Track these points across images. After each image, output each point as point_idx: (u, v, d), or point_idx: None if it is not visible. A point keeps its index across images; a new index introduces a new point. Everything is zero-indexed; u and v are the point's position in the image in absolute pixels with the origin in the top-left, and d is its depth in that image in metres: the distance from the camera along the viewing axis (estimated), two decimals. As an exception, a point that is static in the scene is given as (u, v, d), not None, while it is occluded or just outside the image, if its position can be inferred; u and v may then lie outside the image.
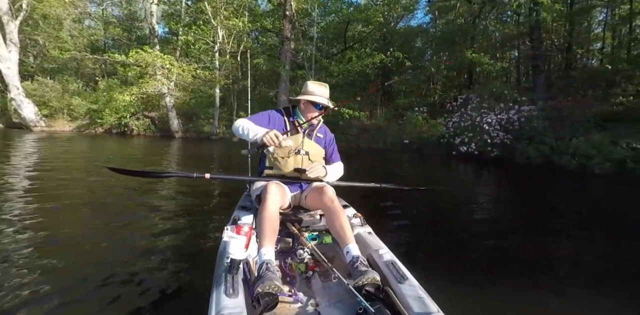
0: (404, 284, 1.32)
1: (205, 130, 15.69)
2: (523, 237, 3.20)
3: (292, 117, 2.02)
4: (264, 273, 1.31)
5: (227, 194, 4.24)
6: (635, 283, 2.28)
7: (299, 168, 1.93)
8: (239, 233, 1.54)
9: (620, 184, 7.03)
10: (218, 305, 1.14)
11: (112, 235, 2.78)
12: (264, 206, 1.61)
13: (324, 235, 1.90)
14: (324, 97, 1.97)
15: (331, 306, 1.36)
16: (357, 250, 1.51)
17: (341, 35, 17.72)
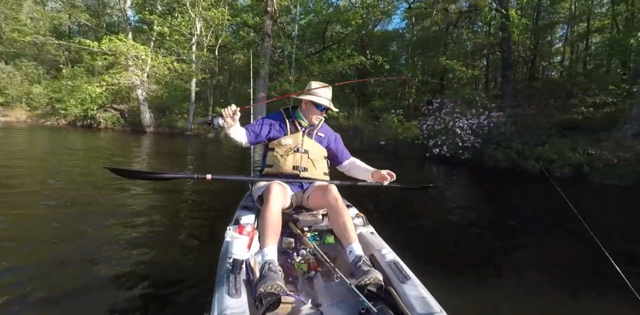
0: (407, 283, 1.32)
1: (179, 126, 15.08)
2: (522, 237, 3.27)
3: (292, 117, 2.03)
4: (266, 273, 1.31)
5: (229, 194, 4.20)
6: (597, 277, 2.48)
7: (298, 166, 1.94)
8: (241, 233, 1.53)
9: (577, 187, 7.65)
10: (221, 305, 1.14)
11: (112, 235, 2.74)
12: (266, 206, 1.62)
13: (326, 235, 1.91)
14: (327, 99, 1.97)
15: (333, 306, 1.36)
16: (360, 250, 1.53)
17: (320, 35, 17.80)
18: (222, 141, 13.37)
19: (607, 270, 1.34)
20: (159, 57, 13.05)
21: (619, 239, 3.64)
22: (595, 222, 4.27)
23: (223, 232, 1.57)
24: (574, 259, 2.85)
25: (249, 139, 1.99)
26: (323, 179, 2.02)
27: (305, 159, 1.96)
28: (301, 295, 1.39)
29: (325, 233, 1.92)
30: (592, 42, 16.05)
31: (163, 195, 4.22)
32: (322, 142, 2.08)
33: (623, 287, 1.21)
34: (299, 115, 2.02)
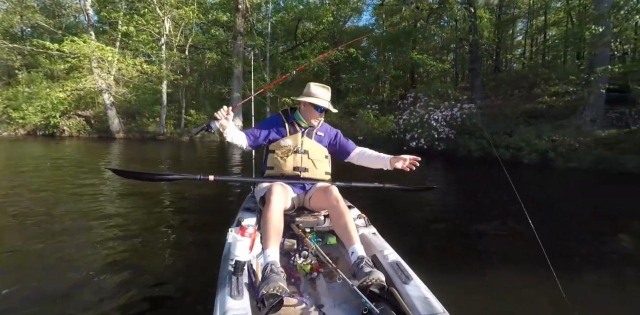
0: (409, 284, 1.32)
1: (151, 130, 14.48)
2: (524, 235, 3.17)
3: (290, 119, 2.02)
4: (268, 274, 1.31)
5: (231, 196, 4.19)
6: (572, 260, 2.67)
7: (298, 167, 1.94)
8: (243, 234, 1.53)
9: (543, 172, 8.17)
10: (223, 306, 1.14)
11: (114, 237, 2.75)
12: (268, 207, 1.61)
13: (328, 236, 1.92)
14: (326, 100, 1.96)
15: (336, 307, 1.36)
16: (362, 251, 1.52)
17: (291, 33, 17.71)
18: (197, 145, 13.03)
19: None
20: (127, 59, 12.37)
21: (575, 218, 3.95)
22: (557, 204, 4.67)
23: (225, 234, 1.57)
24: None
25: (249, 142, 1.98)
26: (324, 178, 2.01)
27: (305, 159, 1.95)
28: (303, 296, 1.39)
29: (327, 234, 1.93)
30: (550, 35, 17.03)
31: (165, 197, 4.19)
32: (322, 141, 2.06)
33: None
34: (297, 116, 2.01)
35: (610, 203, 4.89)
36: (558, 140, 9.05)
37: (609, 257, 2.75)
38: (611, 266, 2.54)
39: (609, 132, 8.71)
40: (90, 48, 11.43)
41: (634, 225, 3.69)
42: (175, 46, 13.63)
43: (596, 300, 2.03)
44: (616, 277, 2.37)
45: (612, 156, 7.82)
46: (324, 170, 2.03)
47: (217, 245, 1.71)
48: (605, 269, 2.49)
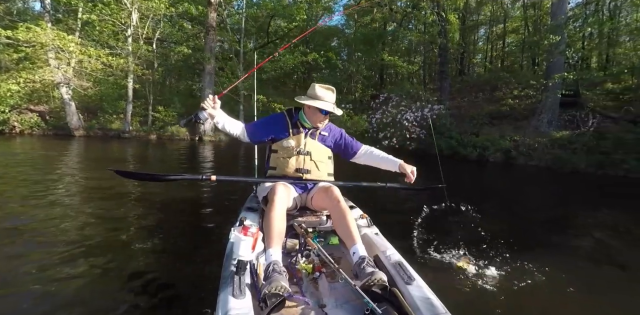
0: (411, 284, 1.32)
1: (115, 127, 13.59)
2: (527, 235, 3.32)
3: (294, 119, 1.99)
4: (271, 274, 1.31)
5: (233, 195, 4.17)
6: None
7: (301, 168, 1.93)
8: (246, 234, 1.51)
9: (507, 170, 8.80)
10: (225, 306, 1.14)
11: (116, 237, 2.74)
12: (270, 207, 1.62)
13: (330, 236, 1.92)
14: (331, 103, 1.92)
15: (338, 307, 1.35)
16: (363, 251, 1.52)
17: (263, 30, 17.46)
18: (166, 143, 12.46)
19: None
20: (90, 50, 11.41)
21: (530, 212, 4.31)
22: (515, 199, 5.07)
23: (227, 233, 1.56)
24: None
25: (248, 134, 1.97)
26: (327, 180, 2.00)
27: (308, 160, 1.95)
28: (305, 296, 1.39)
29: (329, 234, 1.93)
30: (508, 41, 18.21)
31: (167, 197, 4.19)
32: (325, 141, 2.04)
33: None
34: (302, 117, 1.97)
35: (561, 199, 5.39)
36: (519, 140, 9.73)
37: (574, 246, 3.05)
38: (569, 256, 2.82)
39: (562, 133, 9.50)
40: (48, 37, 10.45)
41: (578, 219, 4.09)
42: (142, 38, 12.85)
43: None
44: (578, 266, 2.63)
45: (566, 156, 8.54)
46: (326, 172, 2.03)
47: (220, 245, 1.71)
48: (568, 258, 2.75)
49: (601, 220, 3.95)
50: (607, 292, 2.18)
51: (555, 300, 2.02)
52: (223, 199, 4.22)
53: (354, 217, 1.72)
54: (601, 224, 3.79)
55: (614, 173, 7.40)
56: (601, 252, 2.99)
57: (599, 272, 2.55)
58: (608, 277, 2.44)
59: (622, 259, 2.80)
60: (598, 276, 2.45)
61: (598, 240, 3.28)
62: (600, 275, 2.48)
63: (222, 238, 1.72)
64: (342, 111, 2.08)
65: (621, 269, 2.60)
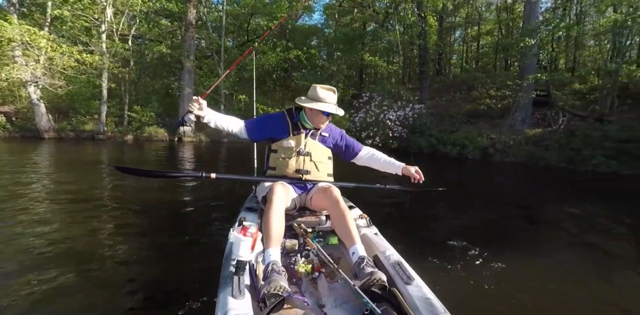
0: (411, 284, 1.33)
1: (88, 129, 12.95)
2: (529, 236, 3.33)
3: (295, 119, 1.98)
4: (270, 274, 1.32)
5: (232, 195, 4.16)
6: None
7: (300, 169, 1.93)
8: (245, 234, 1.50)
9: (485, 166, 9.14)
10: (224, 306, 1.14)
11: (115, 237, 2.73)
12: (269, 207, 1.62)
13: (329, 236, 1.92)
14: (332, 104, 1.91)
15: (337, 307, 1.35)
16: (363, 251, 1.53)
17: (242, 28, 17.22)
18: (144, 144, 12.05)
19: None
20: (63, 47, 10.73)
21: (514, 208, 4.55)
22: (497, 194, 5.33)
23: (227, 234, 1.56)
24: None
25: (247, 131, 1.95)
26: (326, 180, 2.00)
27: (307, 161, 1.94)
28: (305, 296, 1.39)
29: (328, 234, 1.93)
30: (482, 43, 18.89)
31: (166, 197, 4.17)
32: (326, 142, 2.04)
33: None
34: (303, 118, 1.96)
35: (534, 193, 5.70)
36: (495, 138, 10.12)
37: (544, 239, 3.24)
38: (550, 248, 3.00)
39: (535, 131, 9.96)
40: (17, 31, 9.80)
41: (549, 212, 4.34)
42: (117, 35, 12.30)
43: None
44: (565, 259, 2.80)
45: (539, 152, 8.96)
46: (326, 172, 2.03)
47: (219, 245, 1.71)
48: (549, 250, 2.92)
49: (575, 212, 4.19)
50: (599, 283, 2.29)
51: (552, 297, 2.06)
52: (222, 199, 4.20)
53: (353, 217, 1.73)
54: (577, 216, 4.03)
55: (583, 168, 7.84)
56: (578, 242, 3.18)
57: (580, 262, 2.70)
58: (589, 266, 2.59)
59: (595, 248, 3.00)
60: (584, 266, 2.59)
61: (571, 231, 3.49)
62: (583, 265, 2.62)
63: (221, 238, 1.73)
64: (344, 111, 2.07)
65: (601, 255, 2.80)
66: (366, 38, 16.80)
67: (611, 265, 2.62)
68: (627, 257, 2.81)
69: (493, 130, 10.68)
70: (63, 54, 10.63)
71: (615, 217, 3.97)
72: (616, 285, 2.26)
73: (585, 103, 10.61)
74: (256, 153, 2.85)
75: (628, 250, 2.97)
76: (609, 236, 3.36)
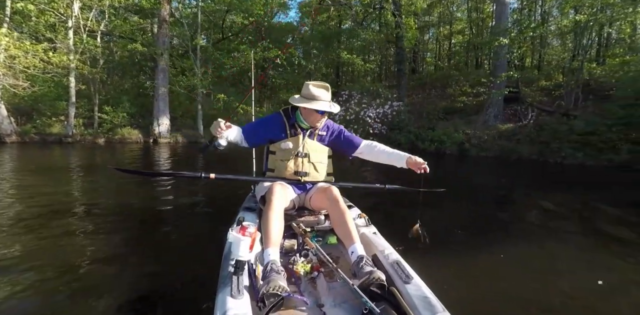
0: (410, 283, 1.33)
1: (55, 132, 12.19)
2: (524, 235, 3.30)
3: (291, 119, 1.95)
4: (269, 274, 1.32)
5: (231, 195, 4.11)
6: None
7: (299, 171, 1.92)
8: (244, 234, 1.49)
9: (462, 160, 9.49)
10: (223, 306, 1.14)
11: (114, 237, 2.74)
12: (268, 207, 1.62)
13: (328, 236, 1.93)
14: (326, 101, 1.88)
15: (336, 307, 1.36)
16: (362, 250, 1.54)
17: (217, 25, 16.82)
18: (116, 147, 11.53)
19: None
20: (26, 44, 9.96)
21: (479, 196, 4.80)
22: (476, 188, 5.52)
23: (225, 233, 1.56)
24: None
25: (247, 138, 1.95)
26: (326, 180, 2.01)
27: (306, 163, 1.93)
28: (304, 296, 1.40)
29: (327, 234, 1.95)
30: (455, 42, 19.51)
31: (164, 197, 4.16)
32: (324, 141, 2.02)
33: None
34: (299, 118, 1.93)
35: (511, 186, 5.94)
36: (471, 133, 10.51)
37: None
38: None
39: (507, 126, 10.43)
40: None
41: (523, 200, 4.65)
42: (85, 32, 11.60)
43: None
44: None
45: (511, 146, 9.41)
46: (325, 172, 2.03)
47: (218, 245, 1.71)
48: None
49: (552, 201, 4.44)
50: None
51: (547, 290, 2.09)
52: (220, 199, 4.19)
53: (352, 216, 1.74)
54: (556, 205, 4.28)
55: (552, 160, 8.32)
56: (560, 232, 3.36)
57: (570, 251, 2.83)
58: (577, 255, 2.75)
59: (575, 237, 3.19)
60: (575, 256, 2.71)
61: (547, 222, 3.69)
62: (574, 254, 2.75)
63: (220, 238, 1.71)
64: (339, 107, 2.02)
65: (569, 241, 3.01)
66: (342, 36, 16.91)
67: (602, 252, 2.79)
68: (605, 244, 3.01)
69: (468, 126, 11.09)
70: (27, 53, 9.91)
71: (593, 206, 4.27)
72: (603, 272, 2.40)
73: (551, 99, 11.21)
74: (255, 153, 2.86)
75: (604, 237, 3.18)
76: (582, 225, 3.59)
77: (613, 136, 7.59)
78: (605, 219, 3.75)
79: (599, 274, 2.29)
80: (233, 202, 2.63)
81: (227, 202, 3.92)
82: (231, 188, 4.39)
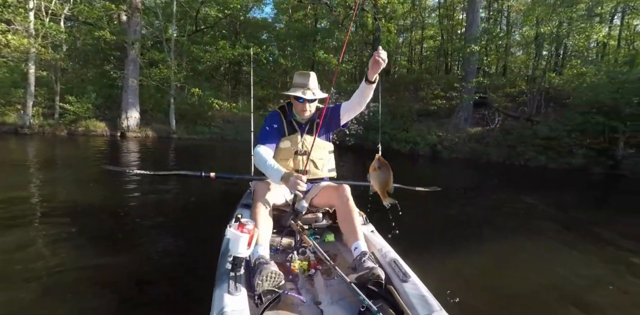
0: (407, 282, 1.34)
1: (10, 122, 11.13)
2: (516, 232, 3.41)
3: (289, 116, 1.90)
4: (258, 266, 1.34)
5: (229, 192, 4.11)
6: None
7: (299, 169, 1.87)
8: (242, 231, 1.46)
9: (434, 161, 9.91)
10: (221, 302, 1.14)
11: (112, 236, 2.74)
12: (253, 207, 1.65)
13: (326, 234, 1.94)
14: (302, 88, 1.80)
15: (334, 304, 1.36)
16: (365, 247, 1.56)
17: (190, 16, 16.20)
18: (79, 139, 10.80)
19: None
20: None
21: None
22: (449, 186, 5.68)
23: (223, 230, 1.58)
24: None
25: (272, 148, 1.87)
26: (328, 176, 2.00)
27: (306, 160, 1.86)
28: (301, 293, 1.41)
29: (325, 231, 1.95)
30: (426, 46, 20.22)
31: (162, 194, 4.15)
32: (323, 133, 1.93)
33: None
34: (293, 113, 1.89)
35: (478, 184, 6.38)
36: (443, 136, 10.95)
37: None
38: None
39: (476, 129, 10.97)
40: None
41: (498, 201, 4.90)
42: (48, 15, 10.64)
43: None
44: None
45: (481, 148, 9.92)
46: (327, 168, 1.99)
47: (216, 242, 1.72)
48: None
49: (522, 201, 4.80)
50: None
51: (539, 289, 2.13)
52: (219, 195, 4.21)
53: (358, 215, 1.75)
54: (527, 205, 4.63)
55: (518, 163, 8.89)
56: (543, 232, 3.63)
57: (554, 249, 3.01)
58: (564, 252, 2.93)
59: (544, 234, 3.43)
60: (557, 252, 2.88)
61: (520, 221, 3.95)
62: (554, 250, 2.92)
63: (218, 235, 1.70)
64: (325, 94, 1.90)
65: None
66: (319, 35, 16.94)
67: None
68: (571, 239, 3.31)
69: (440, 128, 11.54)
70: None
71: (560, 206, 4.59)
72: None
73: (516, 105, 11.94)
74: (253, 152, 2.75)
75: (571, 235, 3.47)
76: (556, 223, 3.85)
77: (571, 141, 8.24)
78: (567, 217, 4.12)
79: (585, 269, 2.48)
80: (231, 199, 2.62)
81: (225, 198, 3.92)
82: (228, 185, 4.38)
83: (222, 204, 3.70)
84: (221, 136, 13.49)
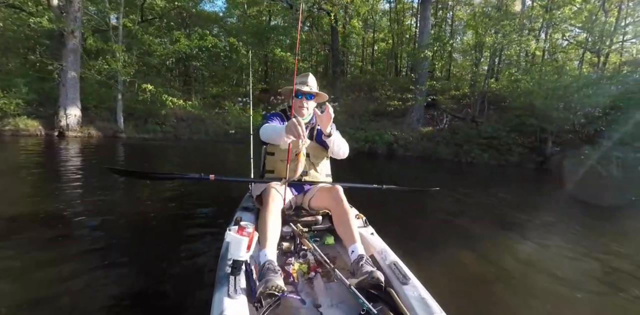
0: (407, 284, 1.34)
1: None
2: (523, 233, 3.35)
3: (290, 119, 1.92)
4: (265, 273, 1.32)
5: (229, 195, 3.96)
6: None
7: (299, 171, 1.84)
8: (242, 234, 1.46)
9: (391, 159, 10.46)
10: (220, 306, 1.14)
11: (111, 236, 2.70)
12: (265, 207, 1.63)
13: (325, 236, 1.94)
14: (306, 85, 1.84)
15: (334, 307, 1.36)
16: (362, 250, 1.55)
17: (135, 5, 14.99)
18: (7, 140, 9.50)
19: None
20: None
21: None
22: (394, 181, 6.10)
23: (223, 233, 1.58)
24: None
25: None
26: (325, 181, 2.01)
27: (306, 162, 1.89)
28: (301, 296, 1.41)
29: (324, 234, 1.96)
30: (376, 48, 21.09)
31: (162, 197, 4.08)
32: (321, 139, 1.92)
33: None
34: (294, 116, 1.84)
35: (431, 179, 6.78)
36: (398, 135, 11.58)
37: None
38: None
39: (427, 129, 11.79)
40: None
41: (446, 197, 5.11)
42: None
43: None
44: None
45: (432, 147, 10.69)
46: (324, 173, 2.03)
47: (215, 245, 1.78)
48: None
49: (478, 196, 5.27)
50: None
51: (541, 295, 2.11)
52: (218, 198, 4.09)
53: (354, 217, 1.77)
54: (489, 199, 5.02)
55: (465, 160, 9.79)
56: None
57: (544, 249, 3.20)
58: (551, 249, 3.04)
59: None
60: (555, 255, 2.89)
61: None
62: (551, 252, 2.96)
63: (217, 238, 1.67)
64: (325, 94, 1.95)
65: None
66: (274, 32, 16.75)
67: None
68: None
69: (395, 128, 12.19)
70: None
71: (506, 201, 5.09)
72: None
73: (460, 107, 13.04)
74: (252, 153, 2.87)
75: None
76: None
77: (509, 140, 9.29)
78: (519, 206, 4.58)
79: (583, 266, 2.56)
80: (230, 202, 2.64)
81: (225, 201, 3.83)
82: (228, 188, 4.28)
83: (221, 207, 3.61)
84: (175, 135, 12.78)
